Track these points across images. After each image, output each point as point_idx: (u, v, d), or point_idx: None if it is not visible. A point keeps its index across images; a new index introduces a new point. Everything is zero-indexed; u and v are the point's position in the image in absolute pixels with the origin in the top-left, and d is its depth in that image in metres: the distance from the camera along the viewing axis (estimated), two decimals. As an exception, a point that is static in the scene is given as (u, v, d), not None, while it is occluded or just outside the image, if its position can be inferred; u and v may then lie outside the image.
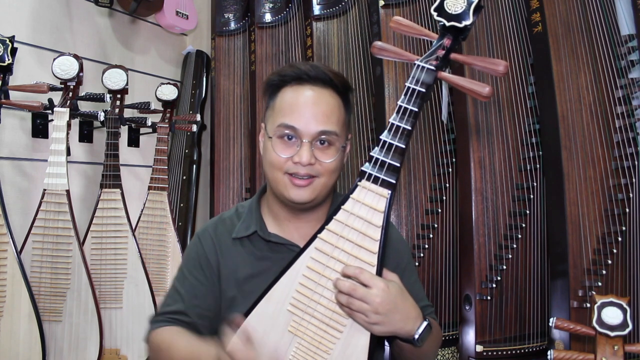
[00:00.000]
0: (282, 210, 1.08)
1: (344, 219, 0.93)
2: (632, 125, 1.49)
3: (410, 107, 0.92)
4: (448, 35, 0.95)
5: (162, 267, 2.10)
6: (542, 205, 1.66)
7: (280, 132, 1.00)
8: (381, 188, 0.92)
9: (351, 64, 2.15)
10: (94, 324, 1.79)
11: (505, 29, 1.74)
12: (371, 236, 0.91)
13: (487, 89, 0.91)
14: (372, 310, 0.87)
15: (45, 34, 2.20)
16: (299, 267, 0.94)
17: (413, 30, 0.98)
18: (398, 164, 0.91)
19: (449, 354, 1.79)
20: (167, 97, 2.26)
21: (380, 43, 0.99)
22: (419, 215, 1.85)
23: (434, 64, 0.93)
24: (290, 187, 1.00)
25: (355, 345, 0.91)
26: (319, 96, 1.01)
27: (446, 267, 1.83)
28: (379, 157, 0.92)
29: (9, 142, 2.04)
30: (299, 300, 0.93)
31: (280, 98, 1.03)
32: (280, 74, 1.05)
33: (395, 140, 0.92)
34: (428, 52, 0.96)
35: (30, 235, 1.76)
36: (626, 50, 1.53)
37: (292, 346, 0.93)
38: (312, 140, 0.99)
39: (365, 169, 0.93)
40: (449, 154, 1.86)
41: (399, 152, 0.91)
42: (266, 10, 2.53)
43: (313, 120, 0.99)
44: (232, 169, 2.59)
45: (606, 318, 1.01)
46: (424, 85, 0.92)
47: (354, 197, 0.93)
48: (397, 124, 0.92)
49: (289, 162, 1.00)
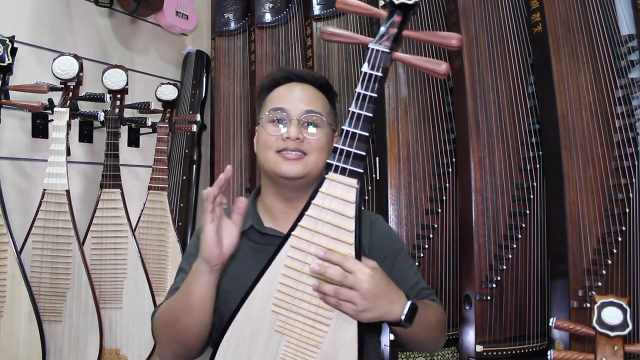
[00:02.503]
0: (276, 202, 1.11)
1: (316, 213, 0.91)
2: (632, 125, 1.49)
3: (369, 94, 0.91)
4: (398, 12, 0.93)
5: (162, 267, 2.10)
6: (542, 205, 1.66)
7: (270, 116, 1.08)
8: (349, 178, 0.91)
9: (351, 64, 2.15)
10: (94, 324, 1.79)
11: (505, 29, 1.74)
12: (345, 228, 0.90)
13: (444, 66, 0.91)
14: (360, 296, 0.87)
15: (45, 34, 2.20)
16: (277, 266, 0.93)
17: (360, 9, 0.97)
18: (363, 152, 0.91)
19: (449, 354, 1.79)
20: (167, 97, 2.26)
21: (331, 28, 0.98)
22: (419, 215, 1.85)
23: (388, 45, 0.92)
24: (281, 162, 1.04)
25: (344, 336, 0.91)
26: (305, 89, 1.11)
27: (446, 267, 1.83)
28: (343, 148, 0.91)
29: (9, 142, 2.04)
30: (281, 300, 0.92)
31: (271, 95, 1.13)
32: (271, 77, 1.15)
33: (358, 128, 0.91)
34: (379, 33, 0.93)
35: (30, 235, 1.76)
36: (626, 50, 1.53)
37: (281, 345, 0.92)
38: (300, 119, 1.06)
39: (331, 160, 0.91)
40: (449, 154, 1.86)
41: (362, 140, 0.90)
42: (266, 10, 2.53)
43: (300, 102, 1.07)
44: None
45: (606, 318, 1.01)
46: (381, 69, 0.91)
47: (323, 191, 0.91)
48: (358, 112, 0.91)
49: (279, 140, 1.05)
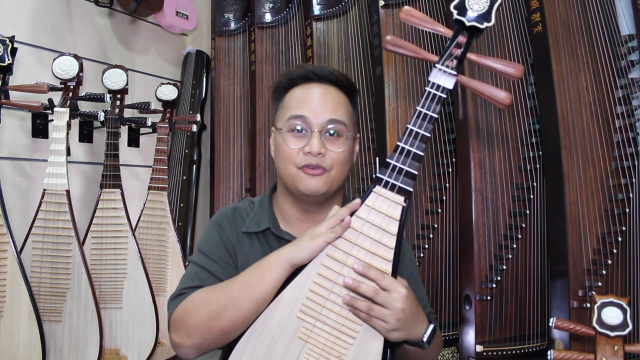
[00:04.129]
0: (293, 209, 1.07)
1: (358, 226, 0.90)
2: (632, 125, 1.49)
3: (429, 113, 0.89)
4: (464, 32, 0.91)
5: (162, 267, 2.10)
6: (542, 205, 1.66)
7: (290, 125, 1.02)
8: (397, 195, 0.89)
9: (351, 64, 2.15)
10: (94, 324, 1.79)
11: (505, 29, 1.74)
12: (386, 244, 0.89)
13: (504, 95, 0.88)
14: (392, 315, 0.86)
15: (45, 34, 2.20)
16: (308, 273, 0.91)
17: (425, 23, 0.92)
18: (415, 171, 0.89)
19: (449, 354, 1.79)
20: (167, 97, 2.26)
21: (394, 38, 0.93)
22: (419, 215, 1.85)
23: (453, 66, 0.90)
24: (304, 178, 1.00)
25: (369, 351, 0.89)
26: (326, 91, 1.04)
27: (446, 267, 1.83)
28: (396, 164, 0.89)
29: (9, 142, 2.04)
30: (309, 307, 0.90)
31: (289, 96, 1.06)
32: (288, 75, 1.07)
33: (414, 147, 0.89)
34: (445, 52, 0.91)
35: (30, 235, 1.76)
36: (626, 50, 1.53)
37: (303, 353, 0.90)
38: (322, 130, 1.00)
39: (382, 175, 0.90)
40: (449, 154, 1.86)
41: (416, 158, 0.89)
42: (266, 10, 2.53)
43: (321, 109, 1.01)
44: (232, 169, 2.59)
45: (606, 318, 1.00)
46: (445, 90, 0.90)
47: (368, 204, 0.90)
48: (417, 130, 0.89)
49: (300, 154, 1.00)
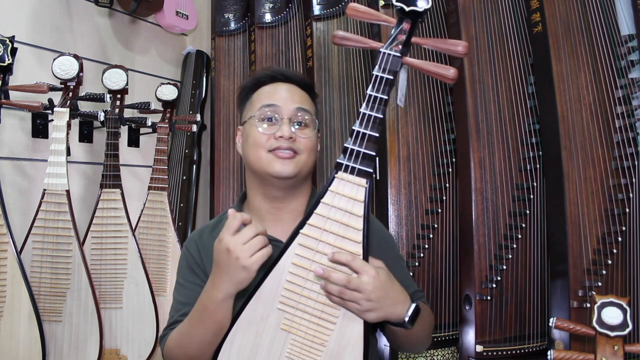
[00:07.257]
0: (263, 203, 1.12)
1: (325, 212, 0.93)
2: (632, 125, 1.49)
3: (379, 96, 0.94)
4: (407, 19, 0.96)
5: (162, 267, 2.10)
6: (542, 205, 1.66)
7: (261, 113, 1.09)
8: (358, 178, 0.93)
9: (351, 64, 2.15)
10: (94, 324, 1.79)
11: (505, 29, 1.74)
12: (354, 226, 0.92)
13: (452, 71, 0.93)
14: (364, 298, 0.89)
15: (45, 34, 2.20)
16: (284, 264, 0.94)
17: (370, 16, 0.99)
18: (373, 153, 0.93)
19: (449, 354, 1.79)
20: (167, 97, 2.26)
21: (342, 32, 0.99)
22: (419, 215, 1.85)
23: (398, 49, 0.95)
24: (274, 161, 1.06)
25: (350, 334, 0.92)
26: (293, 88, 1.13)
27: (446, 267, 1.83)
28: (353, 148, 0.93)
29: (9, 142, 2.04)
30: (288, 298, 0.93)
31: (257, 93, 1.13)
32: (255, 76, 1.16)
33: (368, 129, 0.93)
34: (389, 38, 0.96)
35: (30, 235, 1.76)
36: (626, 50, 1.53)
37: (287, 343, 0.93)
38: (291, 118, 1.08)
39: (341, 160, 0.93)
40: (449, 154, 1.86)
41: (372, 140, 0.93)
42: (266, 10, 2.53)
43: (290, 100, 1.09)
44: (232, 169, 2.59)
45: (606, 318, 1.00)
46: (391, 72, 0.94)
47: (332, 190, 0.93)
48: (369, 113, 0.93)
49: (271, 139, 1.06)
